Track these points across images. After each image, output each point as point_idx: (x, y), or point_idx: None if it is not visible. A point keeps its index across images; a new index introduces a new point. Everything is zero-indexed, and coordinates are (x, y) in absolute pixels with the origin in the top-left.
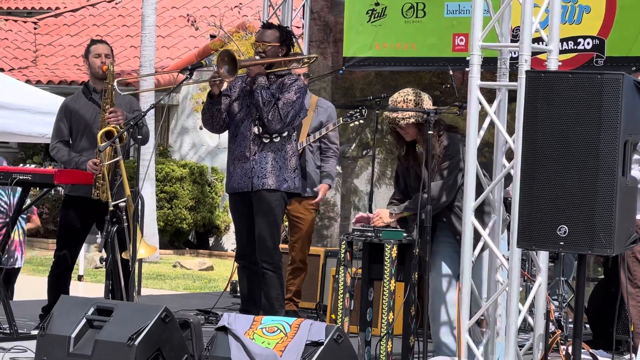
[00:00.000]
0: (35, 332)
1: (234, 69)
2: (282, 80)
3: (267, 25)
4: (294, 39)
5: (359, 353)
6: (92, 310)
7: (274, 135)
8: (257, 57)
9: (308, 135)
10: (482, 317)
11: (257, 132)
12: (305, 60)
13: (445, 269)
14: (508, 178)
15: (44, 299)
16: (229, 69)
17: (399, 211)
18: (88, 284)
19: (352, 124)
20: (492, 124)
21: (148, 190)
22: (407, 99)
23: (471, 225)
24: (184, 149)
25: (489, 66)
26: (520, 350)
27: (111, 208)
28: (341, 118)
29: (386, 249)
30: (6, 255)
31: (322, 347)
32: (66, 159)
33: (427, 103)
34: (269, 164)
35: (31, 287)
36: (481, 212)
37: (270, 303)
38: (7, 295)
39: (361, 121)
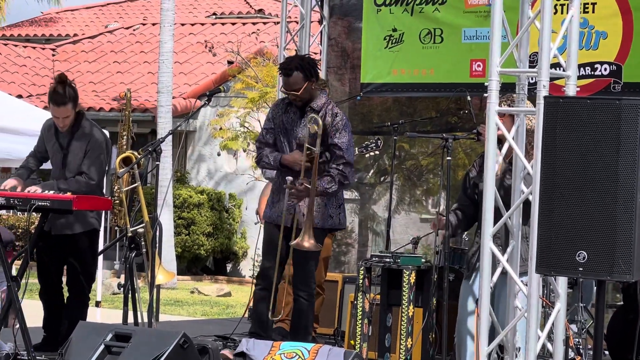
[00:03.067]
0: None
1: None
2: (327, 118)
3: (285, 72)
4: (314, 61)
5: None
6: (110, 336)
7: None
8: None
9: None
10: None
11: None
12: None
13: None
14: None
15: None
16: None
17: None
18: (105, 310)
19: (367, 155)
20: None
21: (166, 217)
22: None
23: (489, 251)
24: (201, 176)
25: (507, 92)
26: None
27: (129, 234)
28: (356, 148)
29: (404, 274)
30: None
31: None
32: None
33: None
34: (316, 201)
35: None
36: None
37: (297, 329)
38: (25, 322)
39: (377, 152)
